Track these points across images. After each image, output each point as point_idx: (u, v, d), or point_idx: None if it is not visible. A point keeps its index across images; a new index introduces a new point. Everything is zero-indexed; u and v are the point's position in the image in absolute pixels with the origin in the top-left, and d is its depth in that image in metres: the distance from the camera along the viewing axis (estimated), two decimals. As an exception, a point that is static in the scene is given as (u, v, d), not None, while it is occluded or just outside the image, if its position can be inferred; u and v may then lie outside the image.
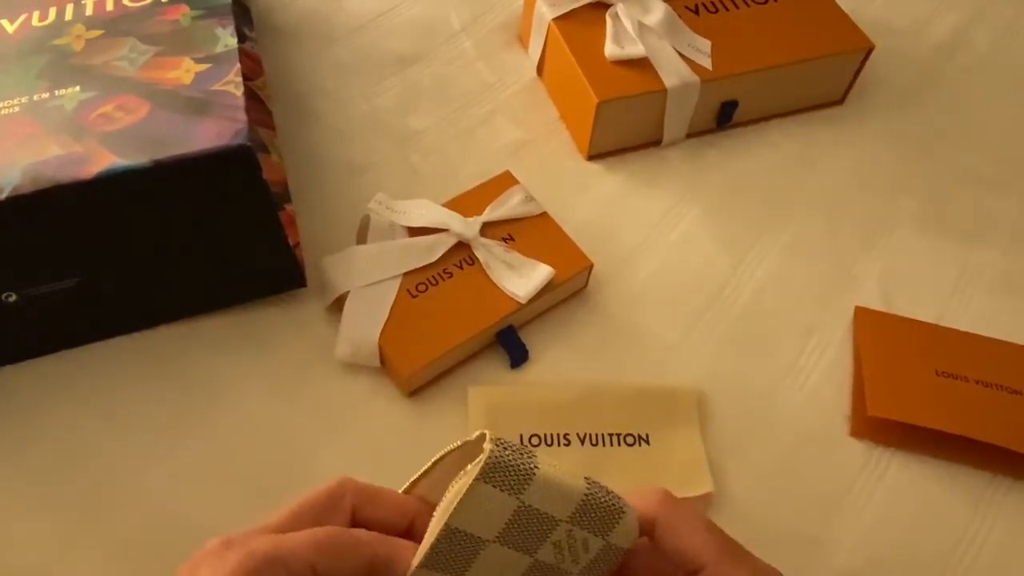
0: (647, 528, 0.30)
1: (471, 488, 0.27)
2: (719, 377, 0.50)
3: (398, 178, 0.58)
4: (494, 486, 0.27)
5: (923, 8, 0.74)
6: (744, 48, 0.60)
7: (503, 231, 0.52)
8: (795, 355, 0.52)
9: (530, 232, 0.52)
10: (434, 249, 0.50)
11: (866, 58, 0.63)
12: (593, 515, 0.29)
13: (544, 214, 0.53)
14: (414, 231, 0.51)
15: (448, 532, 0.27)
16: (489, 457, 0.26)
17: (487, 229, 0.51)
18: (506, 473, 0.27)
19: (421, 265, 0.50)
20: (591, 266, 0.51)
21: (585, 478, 0.29)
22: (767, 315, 0.53)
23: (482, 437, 0.27)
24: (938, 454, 0.48)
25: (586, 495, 0.28)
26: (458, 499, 0.27)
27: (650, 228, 0.57)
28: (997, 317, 0.54)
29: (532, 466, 0.27)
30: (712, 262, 0.56)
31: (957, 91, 0.68)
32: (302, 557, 0.26)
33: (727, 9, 0.63)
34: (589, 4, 0.61)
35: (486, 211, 0.52)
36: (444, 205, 0.52)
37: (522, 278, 0.49)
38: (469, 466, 0.27)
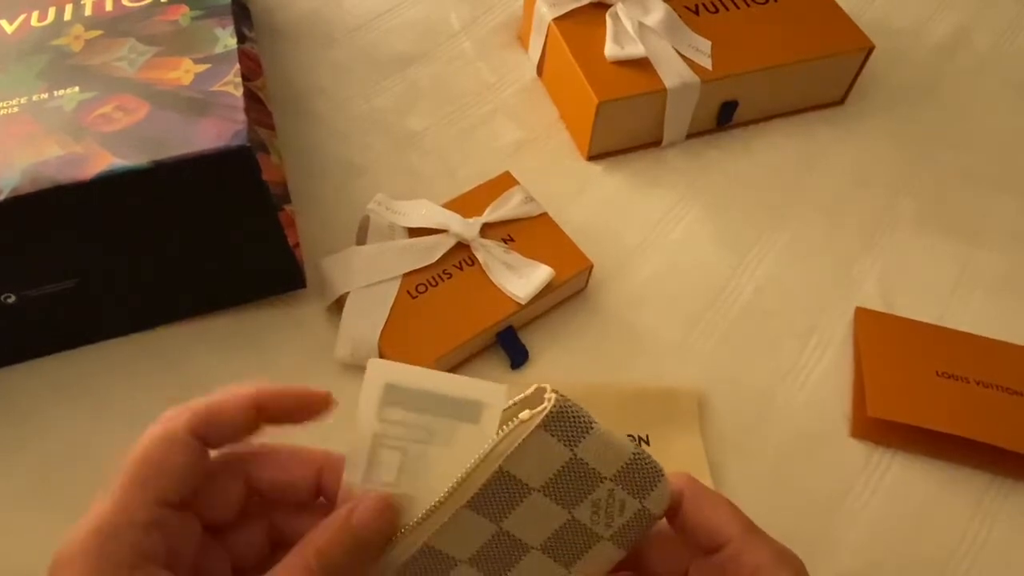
0: (675, 501, 0.30)
1: (532, 434, 0.27)
2: (719, 377, 0.50)
3: (398, 178, 0.58)
4: (552, 435, 0.28)
5: (923, 8, 0.74)
6: (744, 48, 0.60)
7: (503, 232, 0.52)
8: (795, 355, 0.52)
9: (530, 233, 0.52)
10: (434, 250, 0.50)
11: (866, 58, 0.63)
12: (636, 476, 0.29)
13: (544, 215, 0.53)
14: (414, 232, 0.51)
15: (500, 475, 0.28)
16: (554, 406, 0.28)
17: (487, 230, 0.51)
18: (567, 423, 0.28)
19: (421, 266, 0.50)
20: (591, 267, 0.51)
21: (628, 436, 0.29)
22: (767, 315, 0.53)
23: (541, 389, 0.28)
24: (938, 455, 0.48)
25: (634, 454, 0.29)
26: (517, 444, 0.27)
27: (650, 228, 0.57)
28: (997, 317, 0.54)
29: (591, 420, 0.28)
30: (712, 262, 0.56)
31: (957, 91, 0.68)
32: (131, 501, 0.25)
33: (727, 9, 0.63)
34: (589, 4, 0.61)
35: (486, 212, 0.52)
36: (444, 206, 0.52)
37: (522, 279, 0.49)
38: (524, 412, 0.28)
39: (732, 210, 0.59)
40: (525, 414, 0.28)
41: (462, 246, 0.51)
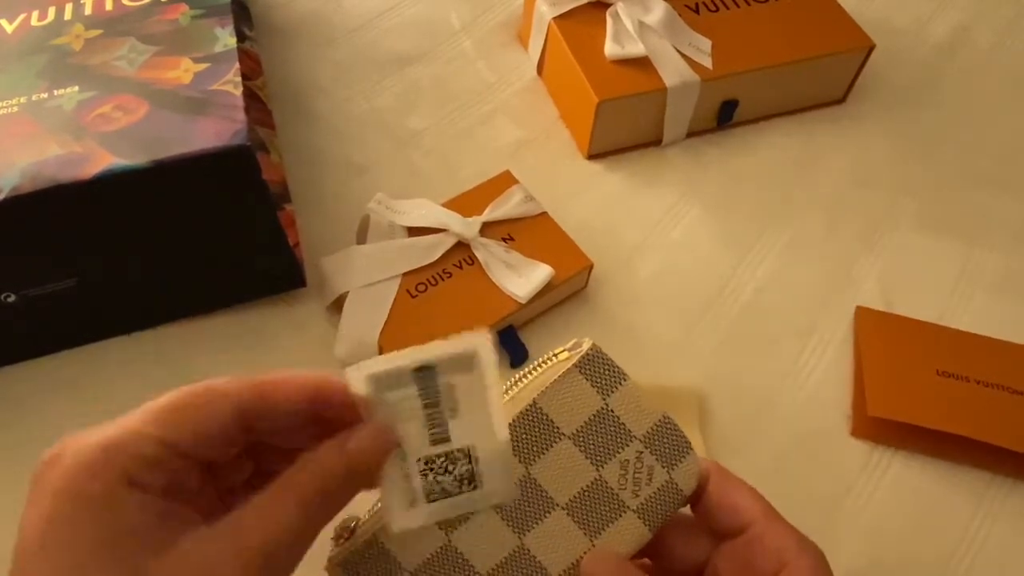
0: (701, 482, 0.31)
1: (568, 373, 0.29)
2: (719, 377, 0.50)
3: (398, 178, 0.58)
4: (587, 379, 0.29)
5: (924, 7, 0.74)
6: (745, 47, 0.60)
7: (503, 231, 0.52)
8: (795, 355, 0.52)
9: (530, 232, 0.52)
10: (434, 249, 0.50)
11: (867, 57, 0.63)
12: (664, 441, 0.30)
13: (544, 214, 0.53)
14: (414, 231, 0.51)
15: (533, 410, 0.28)
16: (591, 348, 0.29)
17: (487, 229, 0.51)
18: (601, 369, 0.29)
19: (421, 265, 0.50)
20: (591, 266, 0.51)
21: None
22: (767, 315, 0.53)
23: (579, 342, 0.30)
24: (939, 454, 0.48)
25: (663, 418, 0.30)
26: (552, 380, 0.29)
27: (650, 228, 0.57)
28: (997, 317, 0.54)
29: (624, 373, 0.30)
30: (712, 262, 0.56)
31: (958, 90, 0.68)
32: (147, 434, 0.23)
33: (728, 8, 0.63)
34: (589, 3, 0.61)
35: (486, 211, 0.52)
36: (444, 205, 0.52)
37: (522, 278, 0.49)
38: (562, 353, 0.29)
39: (732, 209, 0.59)
40: (563, 355, 0.29)
41: (462, 245, 0.51)
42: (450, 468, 0.27)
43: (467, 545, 0.28)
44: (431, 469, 0.27)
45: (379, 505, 0.30)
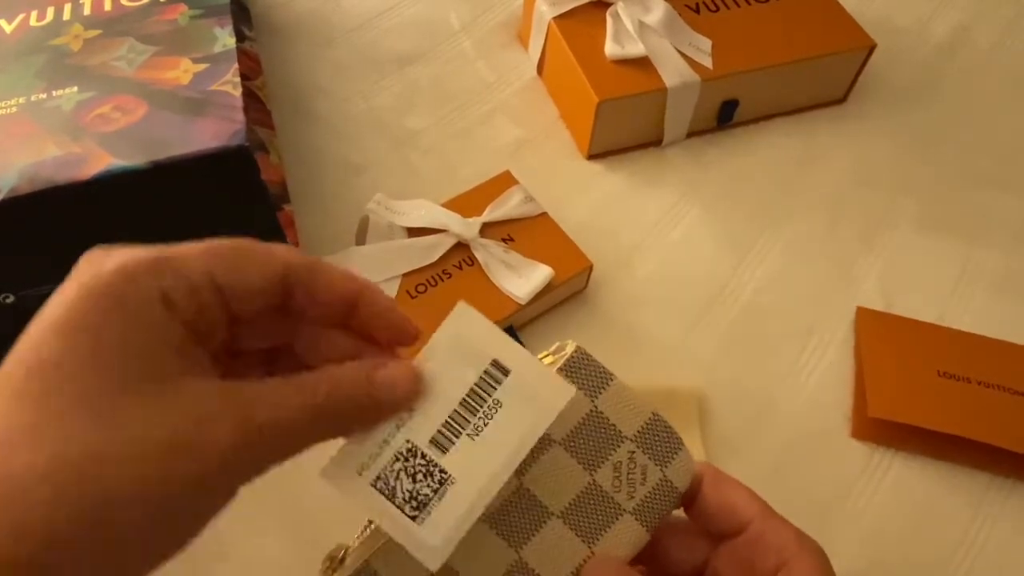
0: (695, 482, 0.30)
1: None
2: (719, 377, 0.50)
3: (397, 178, 0.58)
4: (574, 382, 0.28)
5: (925, 7, 0.74)
6: (745, 47, 0.60)
7: (503, 231, 0.52)
8: (796, 355, 0.52)
9: (530, 232, 0.52)
10: (433, 250, 0.50)
11: (868, 57, 0.62)
12: (655, 439, 0.30)
13: (544, 214, 0.53)
14: (413, 231, 0.51)
15: None
16: (575, 351, 0.29)
17: (486, 229, 0.51)
18: (587, 370, 0.29)
19: (420, 266, 0.49)
20: (591, 267, 0.51)
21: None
22: (768, 315, 0.53)
23: (562, 344, 0.29)
24: (939, 455, 0.48)
25: (653, 415, 0.30)
26: None
27: (650, 228, 0.57)
28: (998, 317, 0.54)
29: (610, 373, 0.29)
30: (712, 262, 0.56)
31: (959, 90, 0.68)
32: (196, 262, 0.24)
33: (728, 8, 0.63)
34: (589, 3, 0.61)
35: (485, 211, 0.52)
36: (443, 205, 0.52)
37: (521, 279, 0.49)
38: (548, 357, 0.29)
39: (733, 209, 0.58)
40: (547, 359, 0.29)
41: (462, 246, 0.50)
42: (418, 479, 0.26)
43: (465, 565, 0.27)
44: (405, 461, 0.26)
45: (369, 528, 0.29)
